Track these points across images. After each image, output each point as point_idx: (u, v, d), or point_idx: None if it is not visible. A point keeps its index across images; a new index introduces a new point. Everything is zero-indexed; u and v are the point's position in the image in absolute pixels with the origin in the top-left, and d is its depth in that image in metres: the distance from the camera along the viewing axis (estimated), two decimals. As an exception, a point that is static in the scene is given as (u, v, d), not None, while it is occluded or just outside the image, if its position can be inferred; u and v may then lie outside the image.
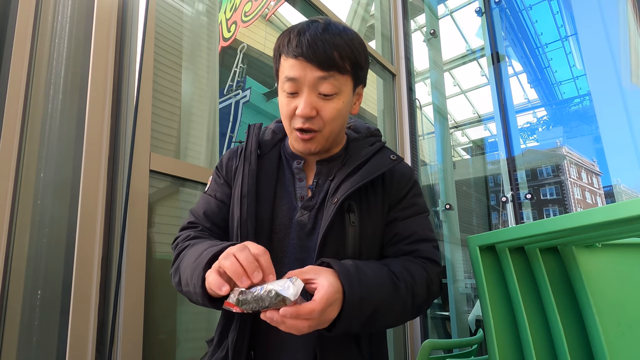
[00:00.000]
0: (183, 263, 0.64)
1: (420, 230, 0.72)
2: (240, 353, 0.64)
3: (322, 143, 0.70)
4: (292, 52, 0.64)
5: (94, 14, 1.02)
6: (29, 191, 0.86)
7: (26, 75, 0.88)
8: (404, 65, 2.52)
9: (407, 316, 0.64)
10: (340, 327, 0.54)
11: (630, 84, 2.16)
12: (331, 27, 0.66)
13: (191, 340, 1.19)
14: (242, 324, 0.66)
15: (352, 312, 0.54)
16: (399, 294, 0.60)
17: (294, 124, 0.68)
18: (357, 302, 0.54)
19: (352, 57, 0.66)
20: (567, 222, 0.68)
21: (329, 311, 0.52)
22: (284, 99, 0.68)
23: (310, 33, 0.64)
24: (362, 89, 0.75)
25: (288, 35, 0.66)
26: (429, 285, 0.66)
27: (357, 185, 0.66)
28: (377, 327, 0.60)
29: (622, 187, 2.49)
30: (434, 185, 2.76)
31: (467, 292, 2.60)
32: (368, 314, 0.56)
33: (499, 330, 0.85)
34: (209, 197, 0.77)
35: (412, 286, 0.62)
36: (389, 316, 0.60)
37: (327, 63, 0.63)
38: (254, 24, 4.54)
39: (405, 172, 0.77)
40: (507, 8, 2.83)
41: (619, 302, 0.86)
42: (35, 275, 0.85)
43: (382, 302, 0.58)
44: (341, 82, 0.66)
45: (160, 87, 1.21)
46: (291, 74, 0.64)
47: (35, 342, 0.83)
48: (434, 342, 1.27)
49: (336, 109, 0.66)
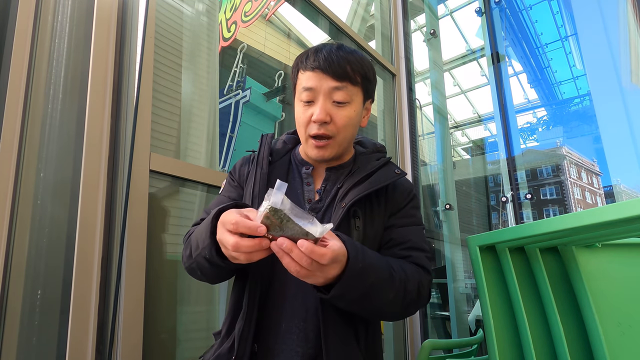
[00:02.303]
0: (193, 235, 0.69)
1: (415, 239, 0.76)
2: (246, 342, 0.67)
3: (336, 149, 0.76)
4: (310, 65, 0.73)
5: (94, 14, 1.02)
6: (29, 191, 0.86)
7: (26, 75, 0.88)
8: (404, 65, 2.52)
9: (396, 308, 0.66)
10: (338, 290, 0.57)
11: (630, 84, 2.16)
12: (344, 47, 0.76)
13: (191, 340, 1.19)
14: (249, 314, 0.68)
15: (352, 278, 0.57)
16: (393, 282, 0.64)
17: (309, 131, 0.74)
18: (358, 270, 0.58)
19: (362, 71, 0.75)
20: (567, 222, 0.68)
21: (331, 267, 0.55)
22: (300, 108, 0.75)
23: (326, 50, 0.74)
24: (371, 105, 0.83)
25: (306, 54, 0.76)
26: (419, 288, 0.69)
27: (365, 192, 0.72)
28: (370, 305, 0.62)
29: (622, 187, 2.49)
30: (434, 185, 2.76)
31: (467, 292, 2.60)
32: (365, 287, 0.59)
33: (499, 330, 0.85)
34: (222, 197, 0.83)
35: (405, 282, 0.66)
36: (381, 298, 0.63)
37: (340, 74, 0.72)
38: (254, 24, 4.54)
39: (407, 186, 0.83)
40: (507, 8, 2.83)
41: (619, 302, 0.86)
42: (35, 275, 0.85)
43: (378, 281, 0.61)
44: (353, 93, 0.74)
45: (160, 87, 1.21)
46: (308, 84, 0.73)
47: (35, 342, 0.83)
48: (434, 342, 1.27)
49: (348, 116, 0.74)
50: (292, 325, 0.68)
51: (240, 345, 0.66)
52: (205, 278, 0.71)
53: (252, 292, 0.69)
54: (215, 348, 0.72)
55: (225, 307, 1.36)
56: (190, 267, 0.69)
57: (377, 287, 0.61)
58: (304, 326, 0.68)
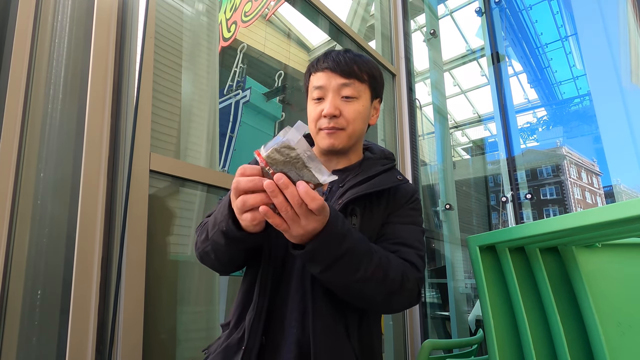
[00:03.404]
0: (211, 217, 0.70)
1: (407, 236, 0.76)
2: (256, 334, 0.67)
3: (346, 140, 0.80)
4: (320, 67, 0.80)
5: (94, 14, 1.02)
6: (29, 191, 0.86)
7: (26, 75, 0.88)
8: (404, 65, 2.52)
9: (376, 292, 0.65)
10: (313, 244, 0.57)
11: (630, 84, 2.16)
12: (351, 51, 0.83)
13: (191, 340, 1.19)
14: (259, 305, 0.68)
15: (329, 235, 0.57)
16: (371, 259, 0.63)
17: (319, 125, 0.79)
18: (337, 231, 0.58)
19: (368, 70, 0.81)
20: (567, 222, 0.69)
21: (314, 219, 0.54)
22: (312, 106, 0.81)
23: (334, 53, 0.81)
24: (379, 104, 0.88)
25: (317, 59, 0.83)
26: (403, 279, 0.67)
27: (362, 193, 0.74)
28: (345, 277, 0.61)
29: (622, 187, 2.49)
30: (434, 185, 2.76)
31: (467, 292, 2.60)
32: (341, 250, 0.59)
33: (499, 330, 0.85)
34: None
35: (386, 266, 0.65)
36: (357, 271, 0.61)
37: (348, 72, 0.78)
38: (254, 24, 4.54)
39: (409, 190, 0.84)
40: (507, 8, 2.84)
41: (619, 302, 0.86)
42: (35, 275, 0.85)
43: (354, 250, 0.61)
44: (360, 89, 0.80)
45: (160, 87, 1.21)
46: (319, 83, 0.79)
47: (35, 342, 0.83)
48: (434, 342, 1.27)
49: (356, 110, 0.79)
50: (292, 318, 0.69)
51: (250, 337, 0.67)
52: (218, 263, 0.71)
53: (262, 284, 0.70)
54: (223, 339, 0.72)
55: (225, 306, 1.36)
56: (204, 251, 0.70)
57: (353, 256, 0.61)
58: (302, 318, 0.69)
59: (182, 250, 1.22)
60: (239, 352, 0.67)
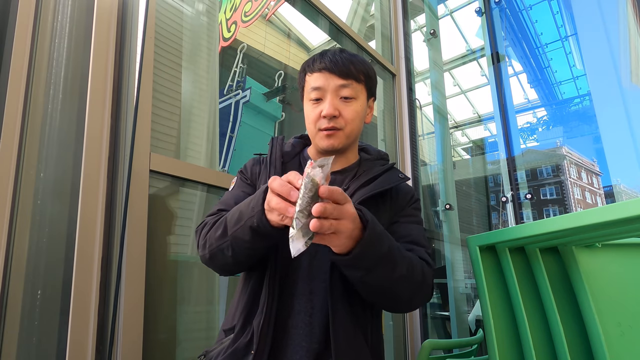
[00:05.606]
0: (227, 217, 0.69)
1: (416, 234, 0.79)
2: (266, 337, 0.67)
3: (344, 140, 0.80)
4: (317, 67, 0.79)
5: (94, 14, 1.02)
6: (29, 191, 0.86)
7: (26, 75, 0.88)
8: (404, 65, 2.52)
9: (405, 289, 0.66)
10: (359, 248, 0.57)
11: (630, 84, 2.16)
12: (346, 51, 0.83)
13: (191, 340, 1.19)
14: (268, 309, 0.68)
15: (373, 237, 0.58)
16: (403, 255, 0.65)
17: (319, 125, 0.79)
18: (378, 233, 0.60)
19: (364, 70, 0.81)
20: (567, 222, 0.69)
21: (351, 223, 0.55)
22: (309, 107, 0.81)
23: (330, 53, 0.80)
24: (373, 103, 0.88)
25: (312, 59, 0.82)
26: (423, 274, 0.69)
27: (371, 193, 0.76)
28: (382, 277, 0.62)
29: (622, 187, 2.49)
30: (434, 185, 2.76)
31: (467, 292, 2.60)
32: (383, 251, 0.61)
33: (499, 330, 0.85)
34: (235, 191, 0.84)
35: (410, 260, 0.67)
36: (394, 270, 0.63)
37: (346, 73, 0.78)
38: (254, 24, 4.54)
39: (408, 190, 0.88)
40: (507, 8, 2.83)
41: (619, 302, 0.86)
42: (35, 275, 0.85)
43: (392, 249, 0.63)
44: (357, 90, 0.80)
45: (160, 87, 1.21)
46: (317, 84, 0.79)
47: (35, 342, 0.83)
48: (434, 342, 1.27)
49: (355, 110, 0.80)
50: (298, 320, 0.70)
51: (260, 341, 0.66)
52: (233, 261, 0.70)
53: (271, 287, 0.70)
54: (228, 344, 0.72)
55: (225, 306, 1.36)
56: (219, 249, 0.69)
57: (392, 255, 0.62)
58: (309, 321, 0.69)
59: (182, 250, 1.22)
60: (248, 356, 0.67)
